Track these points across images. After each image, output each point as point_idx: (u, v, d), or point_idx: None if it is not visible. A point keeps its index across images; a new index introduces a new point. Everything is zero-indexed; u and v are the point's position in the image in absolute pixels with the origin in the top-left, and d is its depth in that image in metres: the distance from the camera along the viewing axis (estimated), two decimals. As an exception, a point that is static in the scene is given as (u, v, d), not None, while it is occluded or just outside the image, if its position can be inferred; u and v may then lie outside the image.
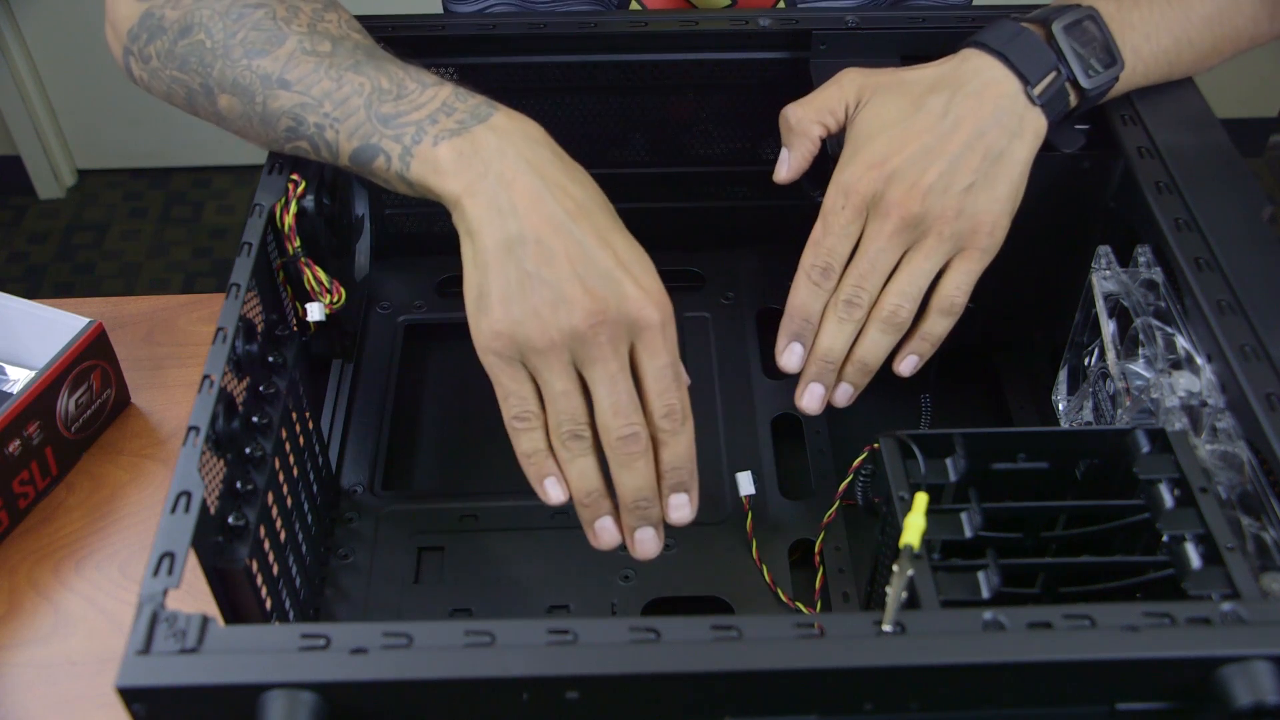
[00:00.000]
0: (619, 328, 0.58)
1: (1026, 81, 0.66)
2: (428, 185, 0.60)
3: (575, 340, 0.57)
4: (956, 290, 0.66)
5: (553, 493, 0.60)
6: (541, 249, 0.57)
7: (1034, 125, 0.67)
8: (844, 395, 0.67)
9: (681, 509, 0.61)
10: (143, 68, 0.68)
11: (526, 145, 0.60)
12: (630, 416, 0.58)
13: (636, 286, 0.58)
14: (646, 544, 0.61)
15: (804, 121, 0.70)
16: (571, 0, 0.90)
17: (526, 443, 0.60)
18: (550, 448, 0.60)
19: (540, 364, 0.58)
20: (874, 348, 0.66)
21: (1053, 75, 0.67)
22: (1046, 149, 0.68)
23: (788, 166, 0.71)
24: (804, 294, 0.66)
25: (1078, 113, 0.70)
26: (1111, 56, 0.68)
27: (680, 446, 0.60)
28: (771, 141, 0.86)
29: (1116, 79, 0.69)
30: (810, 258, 0.66)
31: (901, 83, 0.68)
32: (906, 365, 0.68)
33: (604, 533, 0.61)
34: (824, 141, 0.72)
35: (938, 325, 0.67)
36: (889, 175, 0.64)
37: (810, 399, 0.67)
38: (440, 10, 0.96)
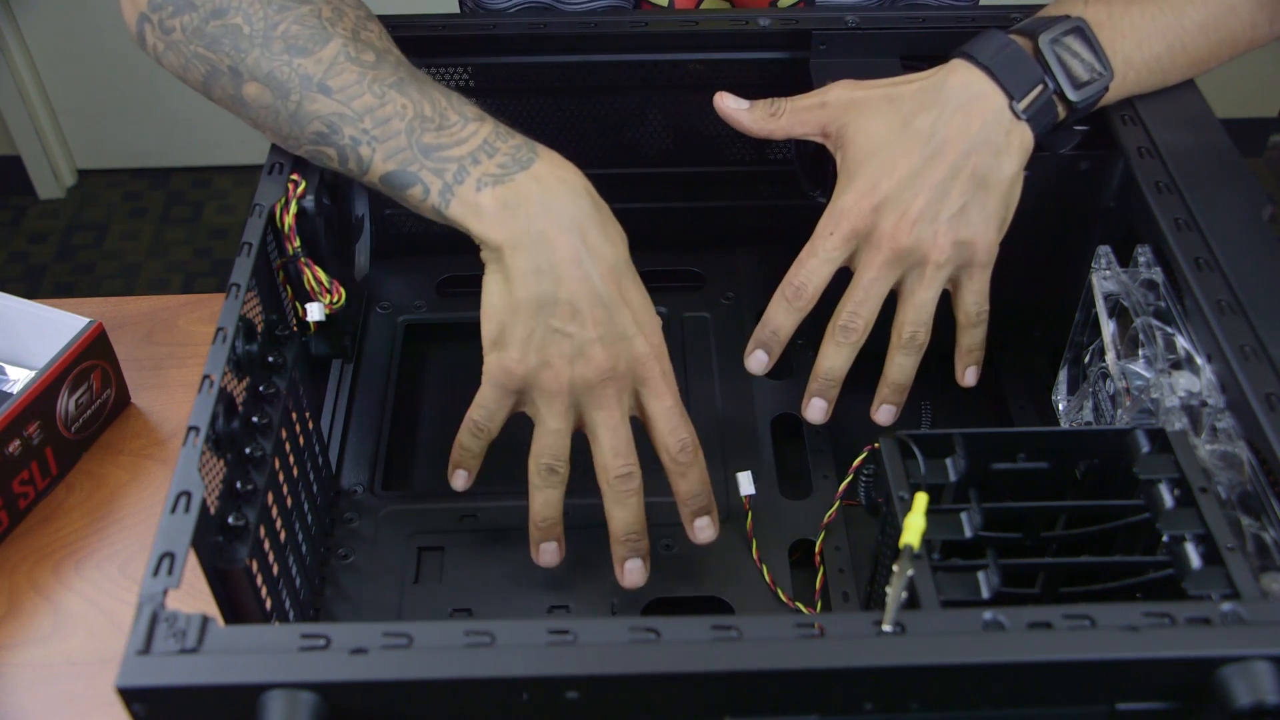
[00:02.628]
0: (625, 381, 0.63)
1: (1012, 96, 0.67)
2: (466, 227, 0.62)
3: (584, 390, 0.62)
4: (976, 304, 0.69)
5: (458, 482, 0.67)
6: (572, 311, 0.61)
7: (1020, 139, 0.67)
8: (888, 415, 0.71)
9: (705, 530, 0.67)
10: (160, 38, 0.67)
11: (569, 198, 0.61)
12: (628, 458, 0.63)
13: (646, 344, 0.63)
14: (634, 573, 0.66)
15: (779, 120, 0.71)
16: None
17: (468, 440, 0.66)
18: (479, 454, 0.67)
19: (543, 404, 0.63)
20: (902, 370, 0.70)
21: (1039, 89, 0.67)
22: (1040, 149, 0.68)
23: (735, 110, 0.72)
24: (776, 310, 0.70)
25: (1068, 122, 0.70)
26: (1100, 68, 0.68)
27: (695, 476, 0.65)
28: (772, 142, 0.86)
29: (1105, 90, 0.69)
30: (790, 276, 0.69)
31: (889, 98, 0.68)
32: (970, 375, 0.72)
33: (548, 553, 0.67)
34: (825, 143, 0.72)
35: (976, 336, 0.71)
36: (878, 205, 0.66)
37: (814, 412, 0.71)
38: (455, 10, 0.96)
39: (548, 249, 0.60)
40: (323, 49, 0.63)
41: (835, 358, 0.69)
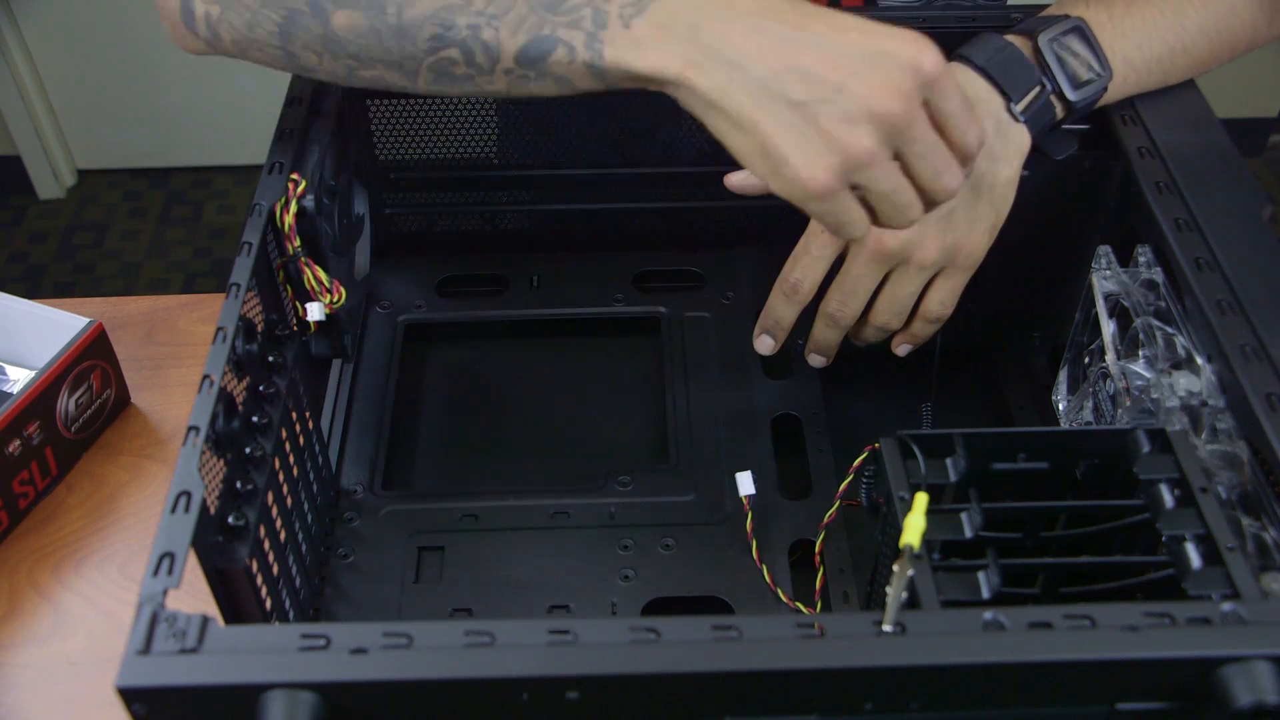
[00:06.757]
0: (915, 97, 0.54)
1: (1009, 98, 0.67)
2: (629, 69, 0.56)
3: (888, 134, 0.54)
4: (940, 305, 0.71)
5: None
6: (795, 75, 0.53)
7: (1017, 143, 0.67)
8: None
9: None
10: (215, 1, 0.62)
11: None
12: (956, 176, 0.57)
13: (902, 44, 0.54)
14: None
15: None
16: None
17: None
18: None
19: (867, 177, 0.55)
20: (872, 338, 0.74)
21: (1037, 90, 0.67)
22: (1035, 153, 0.68)
23: (744, 183, 0.66)
24: (776, 302, 0.73)
25: (1067, 122, 0.70)
26: (1100, 68, 0.68)
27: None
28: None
29: (1104, 90, 0.69)
30: (786, 272, 0.71)
31: None
32: (903, 349, 0.75)
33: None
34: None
35: (925, 330, 0.73)
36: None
37: (814, 362, 0.77)
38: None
39: (724, 43, 0.54)
40: None
41: (825, 336, 0.74)
